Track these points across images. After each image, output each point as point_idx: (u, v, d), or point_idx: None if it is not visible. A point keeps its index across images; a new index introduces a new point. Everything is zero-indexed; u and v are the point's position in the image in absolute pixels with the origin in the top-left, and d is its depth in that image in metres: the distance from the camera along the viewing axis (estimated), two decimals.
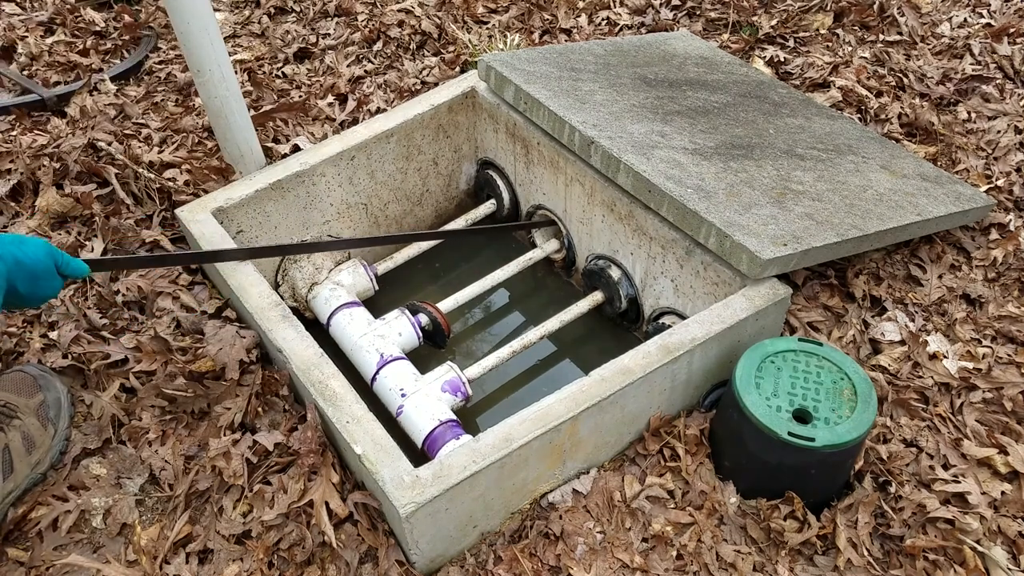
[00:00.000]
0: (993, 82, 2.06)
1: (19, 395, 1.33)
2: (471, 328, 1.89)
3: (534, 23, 2.43)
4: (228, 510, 1.28)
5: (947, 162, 1.87)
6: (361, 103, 2.06)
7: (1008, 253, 1.64)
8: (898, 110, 1.99)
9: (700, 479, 1.32)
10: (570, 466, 1.32)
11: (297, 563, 1.22)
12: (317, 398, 1.27)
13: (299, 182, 1.71)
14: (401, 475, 1.14)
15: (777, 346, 1.32)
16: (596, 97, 1.74)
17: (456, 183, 2.05)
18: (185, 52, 1.57)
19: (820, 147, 1.74)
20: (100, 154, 1.79)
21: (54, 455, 1.31)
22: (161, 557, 1.23)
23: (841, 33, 2.27)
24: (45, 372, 1.38)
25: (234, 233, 1.65)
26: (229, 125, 1.69)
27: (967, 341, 1.50)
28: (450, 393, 1.53)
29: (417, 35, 2.35)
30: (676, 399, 1.41)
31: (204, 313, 1.54)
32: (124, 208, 1.71)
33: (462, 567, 1.25)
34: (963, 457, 1.33)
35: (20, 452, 1.27)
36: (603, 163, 1.58)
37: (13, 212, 1.70)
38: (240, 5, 2.52)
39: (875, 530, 1.26)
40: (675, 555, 1.24)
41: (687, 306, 1.58)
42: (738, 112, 1.82)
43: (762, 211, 1.46)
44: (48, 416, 1.32)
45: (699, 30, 2.35)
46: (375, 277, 1.80)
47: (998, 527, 1.25)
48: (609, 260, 1.74)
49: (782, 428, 1.20)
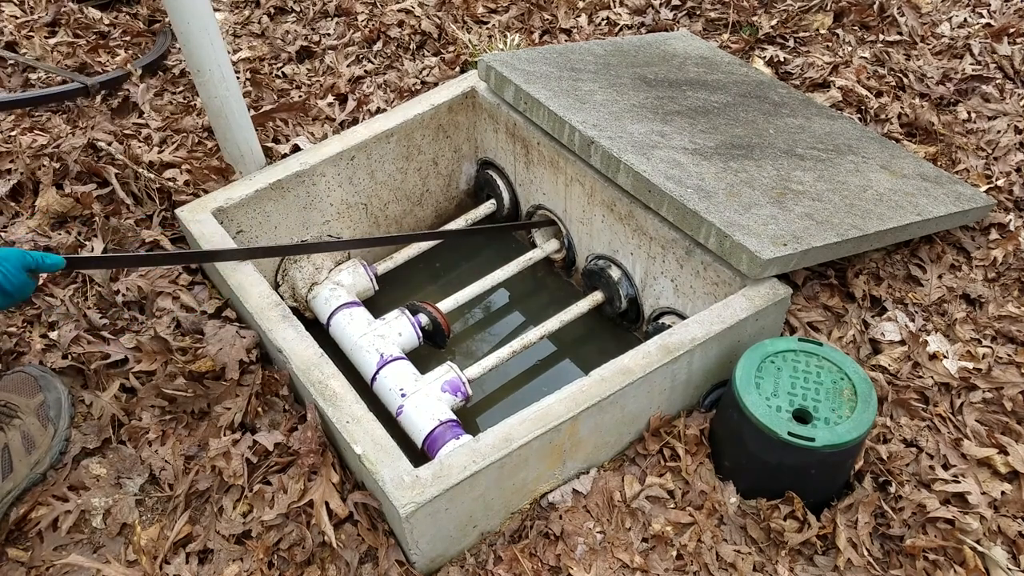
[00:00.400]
0: (993, 82, 2.06)
1: (20, 395, 1.33)
2: (471, 328, 1.89)
3: (534, 23, 2.43)
4: (228, 510, 1.28)
5: (947, 162, 1.87)
6: (361, 103, 2.06)
7: (1008, 253, 1.64)
8: (898, 110, 1.99)
9: (700, 479, 1.32)
10: (570, 466, 1.32)
11: (297, 563, 1.22)
12: (317, 398, 1.27)
13: (299, 182, 1.71)
14: (401, 475, 1.14)
15: (777, 346, 1.32)
16: (596, 97, 1.74)
17: (456, 183, 2.05)
18: (185, 52, 1.57)
19: (820, 147, 1.74)
20: (100, 154, 1.79)
21: (54, 455, 1.31)
22: (161, 557, 1.23)
23: (841, 33, 2.27)
24: (46, 373, 1.38)
25: (234, 233, 1.65)
26: (229, 125, 1.69)
27: (967, 341, 1.50)
28: (450, 393, 1.53)
29: (417, 35, 2.35)
30: (676, 399, 1.41)
31: (204, 313, 1.54)
32: (124, 208, 1.71)
33: (462, 567, 1.25)
34: (963, 457, 1.33)
35: (20, 452, 1.27)
36: (603, 163, 1.58)
37: (13, 212, 1.70)
38: (240, 5, 2.52)
39: (875, 530, 1.26)
40: (675, 555, 1.24)
41: (687, 306, 1.58)
42: (738, 112, 1.82)
43: (762, 211, 1.46)
44: (48, 416, 1.32)
45: (699, 30, 2.35)
46: (375, 277, 1.80)
47: (998, 527, 1.25)
48: (609, 260, 1.74)
49: (782, 428, 1.20)
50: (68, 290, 1.55)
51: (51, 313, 1.50)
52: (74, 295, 1.55)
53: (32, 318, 1.50)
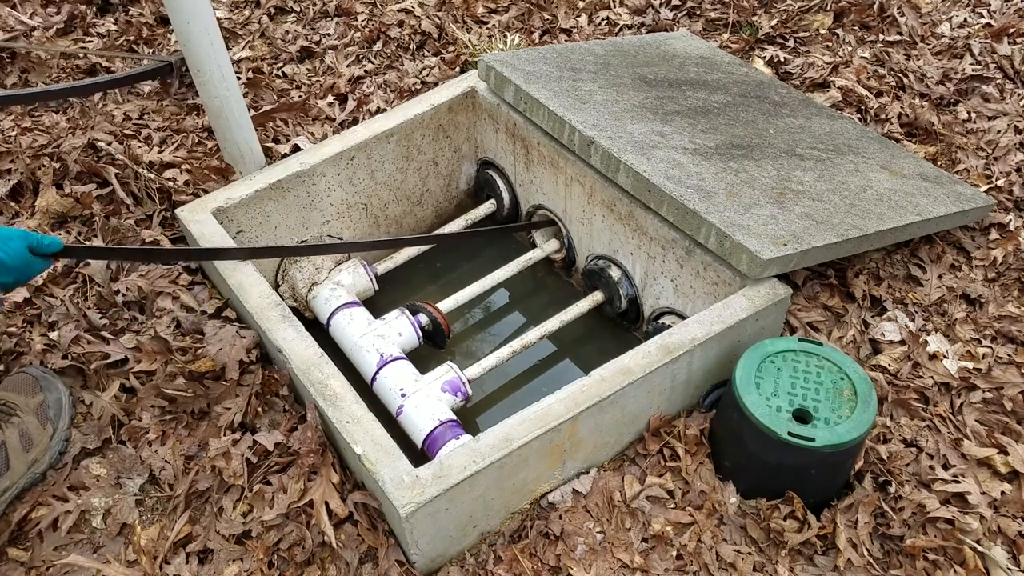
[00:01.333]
0: (993, 82, 2.06)
1: (19, 394, 1.33)
2: (471, 328, 1.89)
3: (534, 23, 2.43)
4: (228, 510, 1.28)
5: (947, 162, 1.87)
6: (361, 103, 2.06)
7: (1008, 253, 1.64)
8: (898, 110, 1.99)
9: (700, 479, 1.32)
10: (570, 466, 1.32)
11: (297, 563, 1.22)
12: (317, 398, 1.27)
13: (299, 182, 1.71)
14: (401, 475, 1.14)
15: (777, 346, 1.32)
16: (596, 97, 1.74)
17: (456, 183, 2.05)
18: (185, 52, 1.57)
19: (820, 147, 1.74)
20: (100, 154, 1.79)
21: (53, 455, 1.31)
22: (161, 557, 1.23)
23: (841, 33, 2.27)
24: (47, 374, 1.38)
25: (234, 233, 1.65)
26: (229, 125, 1.69)
27: (967, 341, 1.50)
28: (450, 393, 1.53)
29: (417, 35, 2.35)
30: (676, 399, 1.41)
31: (204, 313, 1.54)
32: (124, 208, 1.71)
33: (462, 567, 1.25)
34: (963, 457, 1.33)
35: (17, 449, 1.27)
36: (603, 163, 1.58)
37: (13, 212, 1.70)
38: (240, 5, 2.52)
39: (875, 530, 1.26)
40: (675, 555, 1.24)
41: (687, 306, 1.58)
42: (738, 112, 1.82)
43: (762, 211, 1.46)
44: (48, 416, 1.33)
45: (699, 30, 2.35)
46: (375, 277, 1.80)
47: (998, 527, 1.25)
48: (609, 260, 1.74)
49: (782, 428, 1.20)
50: (68, 290, 1.55)
51: (51, 313, 1.50)
52: (74, 295, 1.55)
53: (32, 318, 1.50)
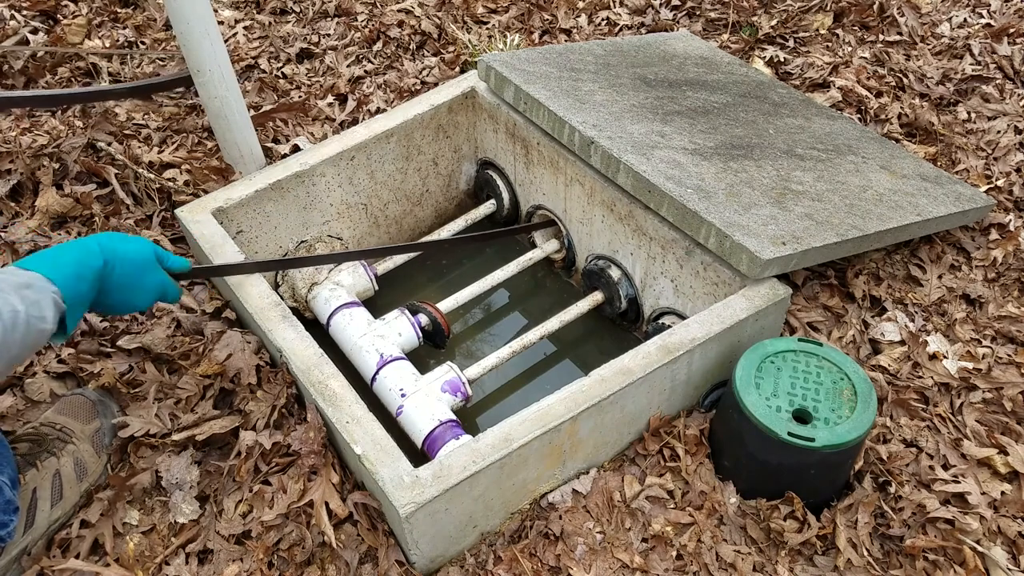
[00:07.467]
0: (993, 82, 2.06)
1: (76, 420, 1.29)
2: (471, 328, 1.89)
3: (534, 23, 2.43)
4: (228, 510, 1.28)
5: (947, 162, 1.87)
6: (361, 103, 2.06)
7: (1008, 253, 1.64)
8: (898, 110, 1.99)
9: (700, 479, 1.32)
10: (570, 466, 1.32)
11: (297, 563, 1.22)
12: (317, 398, 1.27)
13: (299, 182, 1.71)
14: (401, 475, 1.14)
15: (777, 346, 1.32)
16: (596, 97, 1.74)
17: (456, 183, 2.05)
18: (185, 52, 1.57)
19: (820, 147, 1.74)
20: (100, 154, 1.79)
21: (101, 482, 1.29)
22: (161, 558, 1.23)
23: (841, 33, 2.27)
24: (104, 397, 1.35)
25: (234, 233, 1.65)
26: (229, 125, 1.69)
27: (967, 341, 1.50)
28: (450, 393, 1.53)
29: (417, 35, 2.35)
30: (676, 399, 1.41)
31: (204, 314, 1.54)
32: (124, 208, 1.71)
33: (462, 567, 1.25)
34: (963, 457, 1.33)
35: (71, 479, 1.24)
36: (603, 163, 1.58)
37: (13, 212, 1.70)
38: (240, 5, 2.52)
39: (875, 530, 1.26)
40: (675, 555, 1.24)
41: (687, 306, 1.58)
42: (738, 112, 1.82)
43: (762, 211, 1.46)
44: (104, 443, 1.30)
45: (699, 30, 2.35)
46: (375, 277, 1.80)
47: (998, 527, 1.25)
48: (609, 260, 1.74)
49: (782, 428, 1.20)
50: None
51: None
52: None
53: None
